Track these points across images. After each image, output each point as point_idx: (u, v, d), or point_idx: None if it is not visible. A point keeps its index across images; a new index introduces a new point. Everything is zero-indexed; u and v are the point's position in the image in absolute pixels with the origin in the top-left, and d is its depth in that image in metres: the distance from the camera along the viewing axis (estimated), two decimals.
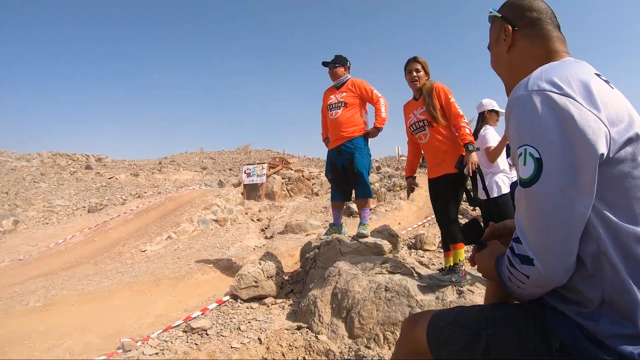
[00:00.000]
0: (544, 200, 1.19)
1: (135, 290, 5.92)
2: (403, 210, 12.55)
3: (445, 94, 4.47)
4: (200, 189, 14.95)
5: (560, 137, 1.17)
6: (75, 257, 8.22)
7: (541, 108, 1.21)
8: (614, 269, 1.17)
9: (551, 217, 1.18)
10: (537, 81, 1.26)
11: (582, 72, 1.29)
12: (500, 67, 1.71)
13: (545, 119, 1.19)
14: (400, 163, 25.21)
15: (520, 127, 1.27)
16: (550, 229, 1.19)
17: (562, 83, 1.22)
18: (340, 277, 4.40)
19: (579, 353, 1.19)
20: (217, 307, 4.93)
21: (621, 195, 1.19)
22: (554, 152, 1.17)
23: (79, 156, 27.40)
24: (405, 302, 3.87)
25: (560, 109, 1.18)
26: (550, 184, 1.18)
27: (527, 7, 1.59)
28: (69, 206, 14.25)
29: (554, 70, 1.29)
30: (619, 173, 1.18)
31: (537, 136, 1.21)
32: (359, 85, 5.92)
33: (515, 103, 1.30)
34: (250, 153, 38.85)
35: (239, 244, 8.84)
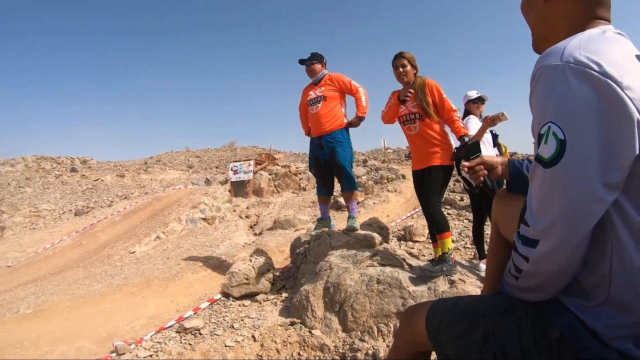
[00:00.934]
0: (560, 187, 1.12)
1: (126, 293, 5.89)
2: (391, 202, 12.58)
3: (437, 90, 4.52)
4: (186, 188, 14.88)
5: (593, 122, 1.06)
6: (64, 261, 8.15)
7: (576, 85, 1.08)
8: (627, 267, 1.11)
9: (563, 205, 1.12)
10: (575, 52, 1.12)
11: (625, 51, 1.15)
12: (531, 14, 1.51)
13: (579, 99, 1.08)
14: (386, 155, 25.24)
15: (547, 101, 1.16)
16: (561, 216, 1.12)
17: (604, 61, 1.07)
18: (332, 271, 4.40)
19: (578, 345, 1.19)
20: (210, 306, 4.93)
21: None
22: (582, 137, 1.07)
23: (63, 159, 27.17)
24: (398, 294, 3.88)
25: (600, 91, 1.05)
26: (569, 172, 1.10)
27: None
28: (55, 210, 14.14)
29: (595, 44, 1.15)
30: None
31: (566, 116, 1.10)
32: (336, 78, 5.96)
33: (545, 72, 1.17)
34: (237, 150, 38.72)
35: (228, 242, 8.83)
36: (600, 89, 1.05)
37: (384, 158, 24.47)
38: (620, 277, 1.12)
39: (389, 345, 3.56)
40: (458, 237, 7.85)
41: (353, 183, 5.90)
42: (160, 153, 37.94)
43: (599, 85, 1.05)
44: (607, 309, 1.15)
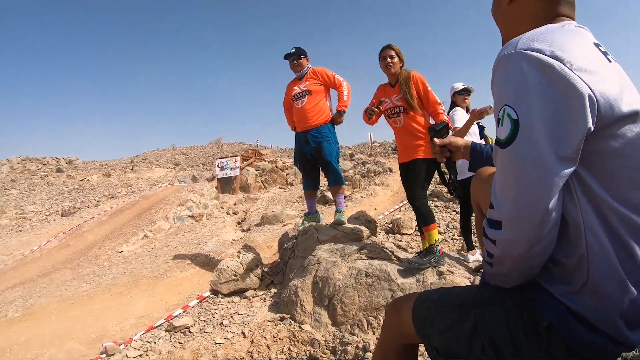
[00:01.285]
0: (516, 164, 1.16)
1: (114, 293, 5.85)
2: (378, 195, 12.60)
3: (422, 82, 4.54)
4: (172, 185, 14.80)
5: (542, 100, 1.11)
6: (52, 263, 8.06)
7: (527, 68, 1.15)
8: (599, 244, 1.14)
9: (521, 181, 1.15)
10: (528, 41, 1.19)
11: (580, 40, 1.21)
12: (498, 16, 1.58)
13: (529, 80, 1.14)
14: (373, 149, 25.26)
15: (502, 86, 1.23)
16: (519, 193, 1.16)
17: (554, 47, 1.14)
18: (320, 265, 4.40)
19: (567, 333, 1.19)
20: (199, 304, 4.91)
21: (608, 171, 1.15)
22: (533, 115, 1.12)
23: (49, 160, 26.90)
24: (387, 287, 3.89)
25: (548, 71, 1.11)
26: (524, 149, 1.14)
27: None
28: (41, 211, 14.02)
29: (548, 34, 1.20)
30: (607, 149, 1.13)
31: (518, 97, 1.16)
32: (320, 72, 5.96)
33: (501, 61, 1.24)
34: (223, 147, 38.55)
35: (216, 239, 8.79)
36: (549, 69, 1.11)
37: (370, 152, 24.49)
38: (597, 256, 1.14)
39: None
40: (446, 229, 7.87)
41: (340, 177, 5.91)
42: (147, 151, 37.68)
43: (548, 67, 1.11)
44: (589, 292, 1.16)
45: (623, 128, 1.13)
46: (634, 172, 1.14)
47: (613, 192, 1.14)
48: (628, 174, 1.14)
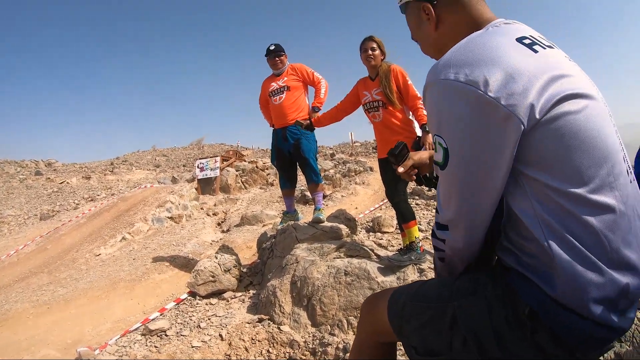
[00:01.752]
0: (452, 184, 1.28)
1: (91, 297, 5.77)
2: (359, 194, 12.61)
3: (403, 76, 4.48)
4: (152, 187, 14.67)
5: (461, 129, 1.20)
6: (29, 267, 7.93)
7: (444, 99, 1.23)
8: (556, 231, 1.16)
9: (458, 197, 1.28)
10: (444, 68, 1.24)
11: (499, 43, 1.24)
12: (431, 49, 1.66)
13: (448, 111, 1.22)
14: (354, 149, 25.33)
15: (430, 116, 1.33)
16: (458, 206, 1.29)
17: (469, 69, 1.18)
18: (298, 264, 4.35)
19: (550, 318, 1.17)
20: (176, 306, 4.84)
21: (551, 161, 1.17)
22: (457, 144, 1.22)
23: (27, 162, 26.67)
24: (367, 285, 3.85)
25: (462, 102, 1.18)
26: (456, 172, 1.25)
27: None
28: (20, 215, 13.82)
29: (465, 49, 1.26)
30: (543, 141, 1.16)
31: (442, 127, 1.25)
32: (299, 68, 5.95)
33: (426, 90, 1.31)
34: (204, 148, 38.50)
35: (196, 240, 8.71)
36: (465, 96, 1.17)
37: (351, 151, 24.58)
38: (558, 242, 1.16)
39: None
40: (427, 227, 7.86)
41: (318, 175, 5.89)
42: (127, 153, 37.52)
43: (463, 94, 1.17)
44: (561, 277, 1.16)
45: (557, 112, 1.15)
46: (579, 155, 1.15)
47: (560, 179, 1.16)
48: (572, 157, 1.16)
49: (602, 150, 1.17)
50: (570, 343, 1.17)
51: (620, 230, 1.16)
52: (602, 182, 1.16)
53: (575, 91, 1.16)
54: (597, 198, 1.14)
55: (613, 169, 1.18)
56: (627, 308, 1.20)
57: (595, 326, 1.14)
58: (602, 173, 1.16)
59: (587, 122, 1.16)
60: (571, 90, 1.16)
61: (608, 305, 1.14)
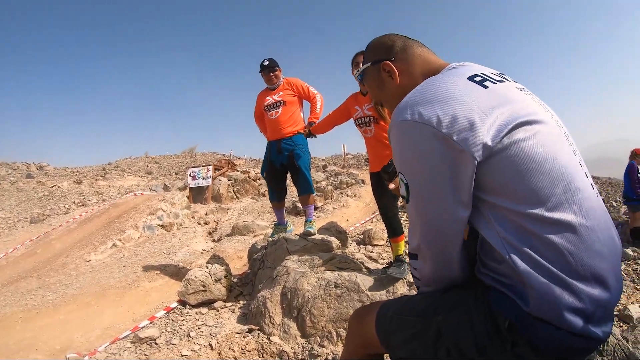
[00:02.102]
0: (415, 216, 1.38)
1: (81, 303, 5.74)
2: (350, 207, 12.64)
3: None
4: (142, 195, 14.61)
5: (420, 168, 1.30)
6: (18, 271, 7.88)
7: (405, 140, 1.33)
8: (521, 251, 1.22)
9: (423, 230, 1.37)
10: (402, 110, 1.34)
11: (451, 83, 1.34)
12: (386, 95, 1.76)
13: (408, 151, 1.33)
14: (346, 161, 25.36)
15: (395, 154, 1.41)
16: (422, 235, 1.38)
17: (424, 109, 1.28)
18: (289, 276, 4.37)
19: (528, 330, 1.21)
20: (166, 315, 4.84)
21: (507, 183, 1.24)
22: (415, 178, 1.32)
23: (19, 165, 26.48)
24: (356, 298, 3.88)
25: (417, 140, 1.28)
26: (417, 207, 1.36)
27: (386, 41, 1.71)
28: (10, 218, 13.72)
29: (420, 91, 1.37)
30: (500, 163, 1.23)
31: (402, 164, 1.36)
32: (294, 83, 6.01)
33: (390, 130, 1.41)
34: (196, 156, 38.37)
35: (186, 249, 8.69)
36: (420, 138, 1.28)
37: (343, 163, 24.61)
38: (524, 261, 1.21)
39: None
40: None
41: (310, 186, 5.92)
42: (119, 159, 37.31)
43: (419, 135, 1.28)
44: (532, 293, 1.20)
45: (507, 149, 1.22)
46: (532, 178, 1.22)
47: (518, 202, 1.23)
48: (527, 181, 1.22)
49: (555, 171, 1.23)
50: (549, 354, 1.21)
51: (584, 243, 1.21)
52: (558, 201, 1.22)
53: (524, 119, 1.25)
54: (554, 216, 1.20)
55: (569, 186, 1.24)
56: (603, 318, 1.24)
57: (572, 336, 1.18)
58: (558, 192, 1.22)
59: (538, 146, 1.23)
60: (520, 118, 1.24)
61: (582, 316, 1.18)
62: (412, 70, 1.64)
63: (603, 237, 1.26)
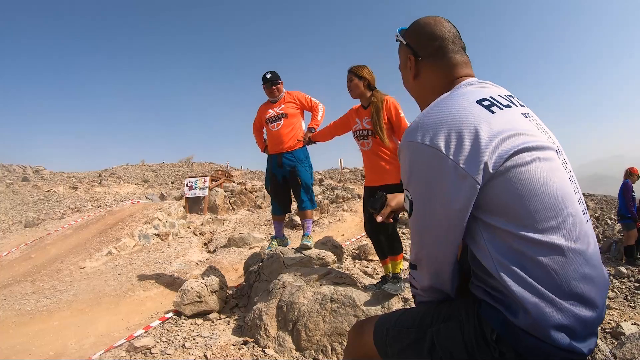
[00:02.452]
0: (415, 231, 1.47)
1: (75, 310, 5.73)
2: (346, 221, 12.66)
3: (395, 109, 4.46)
4: (139, 203, 14.60)
5: (422, 187, 1.38)
6: (12, 274, 7.86)
7: (411, 160, 1.40)
8: (510, 269, 1.27)
9: (421, 245, 1.46)
10: (413, 131, 1.40)
11: (460, 107, 1.39)
12: (409, 90, 1.84)
13: (412, 171, 1.40)
14: (342, 175, 25.40)
15: (403, 172, 1.47)
16: (419, 252, 1.49)
17: (433, 132, 1.34)
18: (285, 289, 4.40)
19: (515, 341, 1.26)
20: (161, 325, 4.85)
21: (503, 205, 1.30)
22: (420, 197, 1.39)
23: (15, 167, 26.49)
24: (351, 312, 3.91)
25: (425, 162, 1.35)
26: (418, 224, 1.44)
27: (430, 35, 1.69)
28: (4, 221, 13.72)
29: (431, 115, 1.42)
30: (499, 187, 1.29)
31: (409, 183, 1.43)
32: (296, 95, 6.06)
33: (400, 150, 1.48)
34: (193, 166, 38.39)
35: (182, 259, 8.70)
36: (428, 160, 1.35)
37: (340, 177, 24.64)
38: (513, 278, 1.27)
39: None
40: None
41: (312, 202, 5.97)
42: (115, 166, 37.28)
43: (427, 157, 1.34)
44: (519, 308, 1.26)
45: (507, 173, 1.28)
46: (528, 202, 1.28)
47: (511, 223, 1.29)
48: (522, 204, 1.28)
49: (550, 196, 1.29)
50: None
51: (572, 265, 1.27)
52: (550, 225, 1.27)
53: (525, 145, 1.30)
54: (544, 238, 1.26)
55: (561, 212, 1.30)
56: (587, 335, 1.30)
57: (557, 350, 1.24)
58: (550, 216, 1.28)
59: (536, 172, 1.29)
60: (522, 145, 1.30)
61: (568, 333, 1.24)
62: (430, 78, 1.70)
63: (592, 261, 1.32)
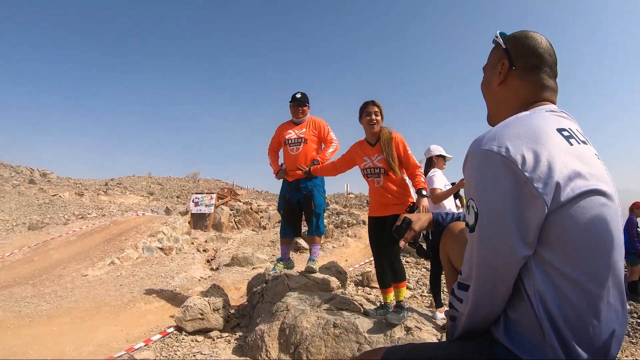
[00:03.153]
0: (476, 248, 1.35)
1: (75, 317, 5.73)
2: (350, 247, 12.63)
3: (404, 145, 4.63)
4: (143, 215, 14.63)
5: (495, 200, 1.29)
6: (13, 276, 7.89)
7: (486, 169, 1.32)
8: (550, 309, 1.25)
9: (480, 261, 1.34)
10: (490, 140, 1.35)
11: (541, 129, 1.35)
12: (486, 93, 1.78)
13: (486, 181, 1.32)
14: (348, 200, 25.40)
15: (469, 181, 1.41)
16: (478, 270, 1.36)
17: (512, 146, 1.30)
18: (289, 312, 4.39)
19: None
20: (161, 339, 4.83)
21: (562, 241, 1.26)
22: (488, 212, 1.31)
23: (23, 169, 26.74)
24: (354, 339, 3.90)
25: (501, 174, 1.28)
26: (481, 237, 1.33)
27: (532, 49, 1.62)
28: (8, 221, 13.77)
29: (512, 128, 1.36)
30: (563, 221, 1.25)
31: (478, 194, 1.35)
32: (319, 124, 6.12)
33: (468, 157, 1.42)
34: (199, 182, 38.55)
35: (184, 274, 8.69)
36: (504, 173, 1.28)
37: (345, 202, 24.64)
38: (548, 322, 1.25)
39: None
40: (416, 285, 7.93)
41: (322, 228, 6.03)
42: (122, 176, 37.49)
43: (504, 170, 1.28)
44: (547, 349, 1.24)
45: (573, 209, 1.25)
46: (586, 245, 1.26)
47: (564, 261, 1.26)
48: (580, 246, 1.26)
49: (608, 247, 1.28)
50: None
51: (606, 318, 1.27)
52: (600, 273, 1.26)
53: (596, 187, 1.28)
54: (590, 287, 1.24)
55: (610, 261, 1.28)
56: None
57: None
58: (601, 265, 1.26)
59: (601, 217, 1.27)
60: (593, 186, 1.28)
61: None
62: (516, 90, 1.63)
63: (621, 313, 1.33)
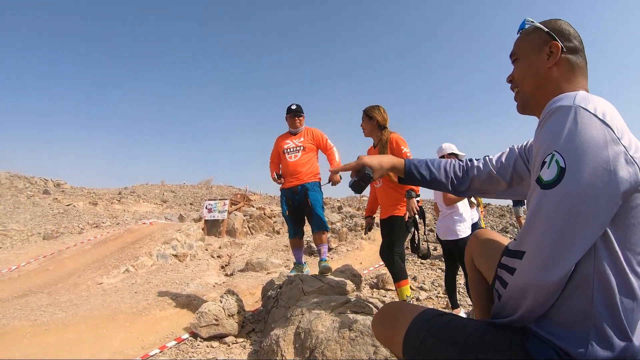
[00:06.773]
0: (553, 209, 1.24)
1: (90, 324, 5.72)
2: (364, 249, 12.59)
3: (397, 144, 4.70)
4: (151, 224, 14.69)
5: (590, 160, 1.20)
6: (29, 285, 7.94)
7: (583, 125, 1.24)
8: (608, 299, 1.21)
9: (553, 225, 1.24)
10: (583, 100, 1.30)
11: (613, 109, 1.31)
12: (529, 77, 1.67)
13: (584, 137, 1.23)
14: (361, 203, 25.37)
15: (556, 133, 1.29)
16: (547, 234, 1.25)
17: (605, 114, 1.26)
18: (304, 316, 4.36)
19: None
20: (176, 345, 4.83)
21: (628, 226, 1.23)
22: (578, 171, 1.21)
23: (37, 179, 26.98)
24: (370, 342, 3.86)
25: (601, 135, 1.22)
26: (563, 197, 1.22)
27: (572, 34, 1.62)
28: (24, 231, 13.87)
29: (595, 99, 1.32)
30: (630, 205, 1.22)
31: (570, 149, 1.24)
32: (315, 133, 6.36)
33: (557, 111, 1.33)
34: (212, 188, 38.65)
35: (199, 281, 8.70)
36: (604, 135, 1.21)
37: (359, 205, 24.62)
38: (602, 309, 1.21)
39: None
40: (431, 286, 7.87)
41: (324, 224, 6.12)
42: (135, 184, 37.72)
43: (600, 129, 1.22)
44: (596, 341, 1.20)
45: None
46: None
47: (630, 244, 1.23)
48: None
49: None
50: None
51: None
52: None
53: None
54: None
55: None
56: None
57: None
58: None
59: None
60: None
61: None
62: (566, 71, 1.58)
63: None
